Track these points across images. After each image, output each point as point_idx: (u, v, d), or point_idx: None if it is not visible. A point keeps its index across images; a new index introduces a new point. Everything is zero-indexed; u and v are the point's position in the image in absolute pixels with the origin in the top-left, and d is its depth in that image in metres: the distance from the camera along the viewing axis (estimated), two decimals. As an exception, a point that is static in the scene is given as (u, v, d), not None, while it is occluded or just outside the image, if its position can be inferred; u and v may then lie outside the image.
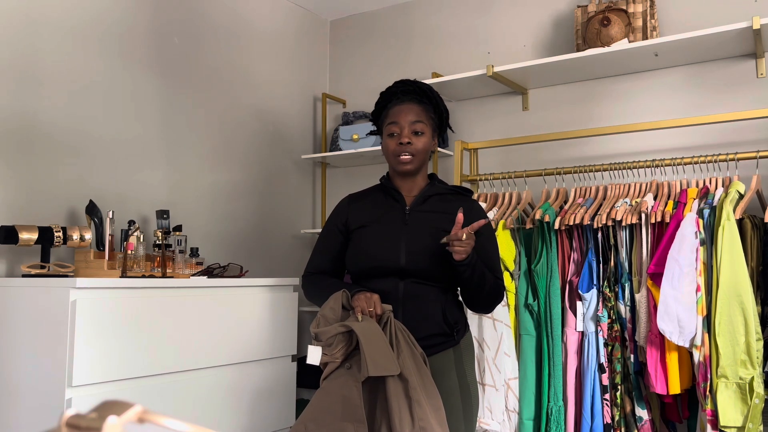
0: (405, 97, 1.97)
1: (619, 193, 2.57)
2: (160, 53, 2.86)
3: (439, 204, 1.97)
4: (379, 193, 2.04)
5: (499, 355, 2.51)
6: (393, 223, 1.94)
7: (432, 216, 1.93)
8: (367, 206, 2.02)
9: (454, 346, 1.90)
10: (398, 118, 1.94)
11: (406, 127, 1.92)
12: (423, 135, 1.94)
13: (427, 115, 1.96)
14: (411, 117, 1.93)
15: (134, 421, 0.50)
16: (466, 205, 1.95)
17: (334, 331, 1.75)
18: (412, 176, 1.99)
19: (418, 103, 1.96)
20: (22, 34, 2.37)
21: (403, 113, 1.94)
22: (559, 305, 2.49)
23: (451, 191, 2.02)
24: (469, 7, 3.39)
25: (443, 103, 2.03)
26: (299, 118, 3.61)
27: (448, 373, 1.86)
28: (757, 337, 2.11)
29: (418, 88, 1.98)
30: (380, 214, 1.97)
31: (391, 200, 1.99)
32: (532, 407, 2.50)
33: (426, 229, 1.90)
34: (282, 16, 3.54)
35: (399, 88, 1.99)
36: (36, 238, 2.18)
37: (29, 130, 2.37)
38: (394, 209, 1.97)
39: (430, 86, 2.01)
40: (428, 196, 1.97)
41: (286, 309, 2.63)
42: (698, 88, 2.78)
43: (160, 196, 2.81)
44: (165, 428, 0.49)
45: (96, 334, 1.96)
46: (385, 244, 1.90)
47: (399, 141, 1.92)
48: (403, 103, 1.96)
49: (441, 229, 1.86)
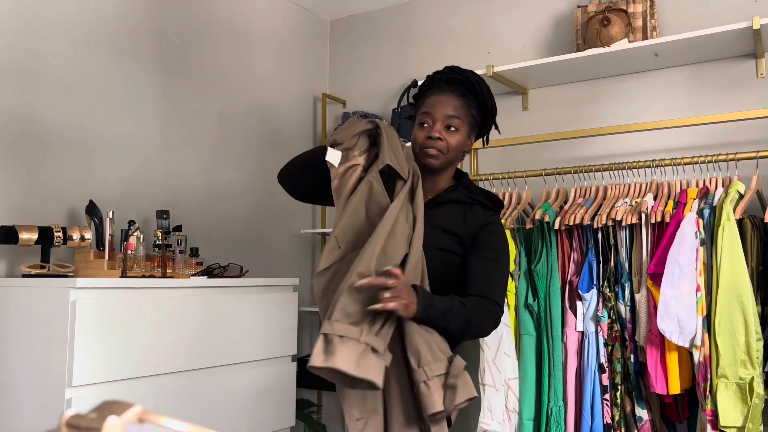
0: (447, 87, 1.77)
1: (619, 193, 2.57)
2: (160, 53, 2.86)
3: (456, 214, 1.75)
4: None
5: (499, 355, 2.51)
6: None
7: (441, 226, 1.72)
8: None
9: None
10: (433, 109, 1.74)
11: (439, 120, 1.73)
12: (457, 132, 1.74)
13: (467, 110, 1.76)
14: (447, 110, 1.73)
15: (134, 421, 0.50)
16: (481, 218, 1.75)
17: (357, 129, 1.63)
18: (436, 174, 1.79)
19: (459, 96, 1.75)
20: (22, 35, 2.37)
21: (439, 105, 1.74)
22: (559, 305, 2.49)
23: (473, 200, 1.78)
24: (469, 7, 3.39)
25: (492, 100, 1.82)
26: (299, 118, 3.61)
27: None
28: (757, 337, 2.11)
29: (466, 78, 1.77)
30: None
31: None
32: (532, 407, 2.50)
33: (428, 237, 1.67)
34: (282, 16, 3.54)
35: (445, 75, 1.79)
36: (36, 238, 2.18)
37: (29, 130, 2.37)
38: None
39: (480, 79, 1.80)
40: (444, 201, 1.77)
41: (286, 309, 2.63)
42: (698, 88, 2.78)
43: (160, 196, 2.81)
44: (165, 428, 0.49)
45: (96, 334, 1.96)
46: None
47: (428, 134, 1.73)
48: (442, 93, 1.76)
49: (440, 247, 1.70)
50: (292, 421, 2.64)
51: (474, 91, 1.77)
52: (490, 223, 1.75)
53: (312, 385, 3.15)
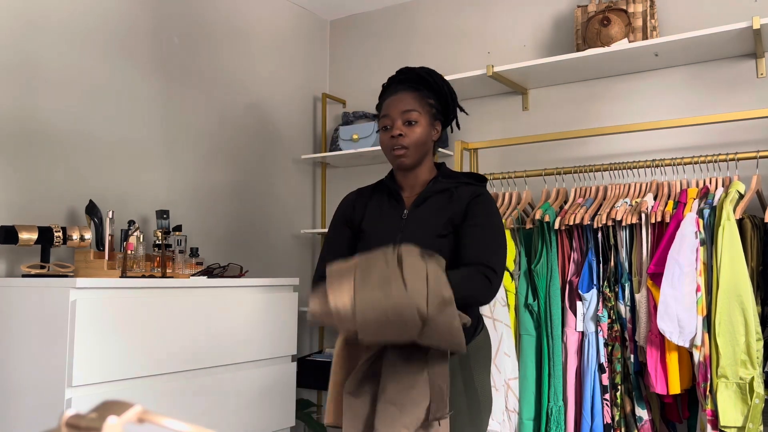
0: (399, 87, 1.84)
1: (619, 193, 2.57)
2: (160, 53, 2.86)
3: (442, 201, 1.80)
4: (383, 193, 1.91)
5: (499, 355, 2.51)
6: (390, 228, 1.81)
7: (429, 218, 1.77)
8: (369, 207, 1.89)
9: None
10: (389, 110, 1.81)
11: (397, 118, 1.79)
12: (417, 125, 1.79)
13: (422, 101, 1.81)
14: (401, 106, 1.79)
15: (134, 421, 0.50)
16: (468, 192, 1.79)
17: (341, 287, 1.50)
18: (413, 171, 1.85)
19: (412, 91, 1.81)
20: (22, 35, 2.37)
21: (393, 104, 1.81)
22: (559, 305, 2.49)
23: (457, 184, 1.83)
24: (469, 7, 3.39)
25: (447, 86, 1.87)
26: (299, 118, 3.61)
27: (453, 378, 1.72)
28: (757, 337, 2.11)
29: (415, 74, 1.83)
30: (380, 217, 1.85)
31: (393, 201, 1.87)
32: (532, 407, 2.50)
33: (421, 233, 1.75)
34: (282, 16, 3.54)
35: (396, 78, 1.86)
36: (36, 238, 2.18)
37: (29, 130, 2.37)
38: (394, 212, 1.84)
39: (430, 71, 1.85)
40: (428, 196, 1.82)
41: (286, 309, 2.63)
42: (698, 88, 2.78)
43: (160, 196, 2.81)
44: (165, 428, 0.49)
45: (96, 334, 1.96)
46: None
47: (391, 134, 1.79)
48: (396, 93, 1.83)
49: (437, 234, 1.74)
50: (292, 421, 2.64)
51: (426, 82, 1.82)
52: (477, 195, 1.79)
53: (312, 385, 3.15)
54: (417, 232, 1.76)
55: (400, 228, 1.79)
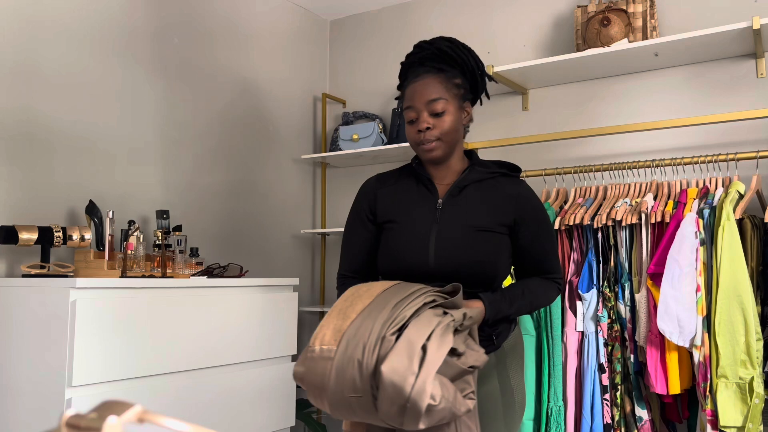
0: (421, 69, 1.66)
1: (619, 193, 2.57)
2: (160, 53, 2.86)
3: (479, 192, 1.68)
4: (410, 179, 1.75)
5: (499, 355, 2.51)
6: (423, 218, 1.67)
7: (469, 210, 1.65)
8: (396, 195, 1.74)
9: (495, 351, 1.66)
10: (414, 101, 1.64)
11: (423, 109, 1.63)
12: (445, 113, 1.63)
13: (448, 85, 1.65)
14: (427, 95, 1.63)
15: (134, 421, 0.50)
16: (510, 189, 1.69)
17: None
18: (445, 162, 1.71)
19: (436, 74, 1.65)
20: (21, 34, 2.37)
21: (418, 93, 1.64)
22: (559, 305, 2.49)
23: (492, 174, 1.70)
24: (469, 7, 3.39)
25: (473, 57, 1.70)
26: (299, 118, 3.61)
27: (488, 379, 1.64)
28: (757, 337, 2.11)
29: (437, 49, 1.66)
30: (411, 207, 1.70)
31: (423, 189, 1.71)
32: (532, 407, 2.50)
33: (459, 226, 1.64)
34: (282, 16, 3.54)
35: (416, 56, 1.69)
36: (36, 238, 2.18)
37: (29, 130, 2.37)
38: (426, 202, 1.69)
39: (451, 42, 1.68)
40: (465, 185, 1.68)
41: (286, 309, 2.63)
42: (698, 88, 2.78)
43: (160, 196, 2.81)
44: (165, 428, 0.49)
45: (96, 334, 1.96)
46: (413, 244, 1.64)
47: (418, 128, 1.64)
48: (417, 79, 1.66)
49: (478, 227, 1.63)
50: (292, 421, 2.64)
51: (450, 58, 1.66)
52: (523, 192, 1.70)
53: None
54: (455, 225, 1.64)
55: (435, 219, 1.66)
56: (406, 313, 1.32)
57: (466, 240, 1.62)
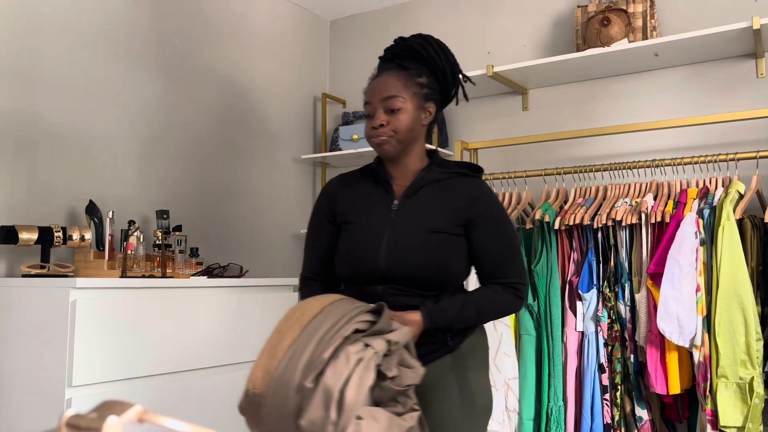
0: (385, 66, 1.66)
1: (619, 193, 2.57)
2: (160, 53, 2.86)
3: (436, 192, 1.64)
4: (369, 180, 1.72)
5: (499, 355, 2.51)
6: (378, 220, 1.64)
7: (423, 211, 1.62)
8: (356, 195, 1.71)
9: (451, 353, 1.62)
10: (370, 97, 1.63)
11: (378, 106, 1.61)
12: (400, 112, 1.60)
13: (409, 83, 1.62)
14: (382, 93, 1.61)
15: (134, 421, 0.50)
16: (467, 189, 1.65)
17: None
18: (401, 160, 1.67)
19: (398, 71, 1.63)
20: (22, 34, 2.37)
21: (375, 90, 1.63)
22: (559, 305, 2.49)
23: (451, 174, 1.67)
24: (469, 7, 3.39)
25: (447, 57, 1.67)
26: (299, 118, 3.61)
27: (447, 382, 1.61)
28: (757, 337, 2.11)
29: (407, 45, 1.64)
30: (367, 208, 1.68)
31: (381, 190, 1.69)
32: (532, 407, 2.50)
33: (413, 227, 1.60)
34: (282, 16, 3.54)
35: (389, 52, 1.68)
36: (36, 238, 2.18)
37: (29, 130, 2.37)
38: (382, 202, 1.66)
39: (425, 40, 1.66)
40: (421, 185, 1.65)
41: (286, 309, 2.63)
42: (698, 88, 2.78)
43: (160, 196, 2.81)
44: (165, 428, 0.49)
45: (96, 334, 1.96)
46: (365, 245, 1.62)
47: (372, 124, 1.62)
48: (379, 76, 1.65)
49: (431, 228, 1.59)
50: (292, 421, 2.63)
51: (418, 56, 1.64)
52: (479, 192, 1.65)
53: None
54: (408, 226, 1.61)
55: (389, 221, 1.63)
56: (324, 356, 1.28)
57: (418, 242, 1.58)
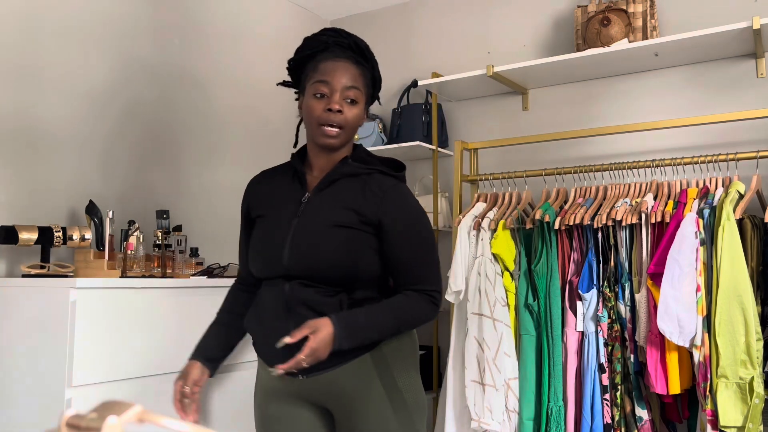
0: (341, 53, 1.58)
1: (619, 193, 2.57)
2: (161, 53, 2.86)
3: (348, 189, 1.58)
4: (287, 174, 1.68)
5: (499, 355, 2.51)
6: (286, 213, 1.59)
7: (332, 205, 1.56)
8: (269, 191, 1.68)
9: (371, 351, 1.55)
10: (331, 78, 1.54)
11: (338, 91, 1.54)
12: (356, 105, 1.57)
13: (364, 81, 1.60)
14: (346, 80, 1.55)
15: (134, 421, 0.50)
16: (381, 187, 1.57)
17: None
18: (331, 153, 1.61)
19: (355, 64, 1.58)
20: (22, 34, 2.37)
21: (338, 73, 1.55)
22: (559, 305, 2.49)
23: (369, 170, 1.60)
24: (469, 7, 3.39)
25: (378, 69, 1.67)
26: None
27: (372, 383, 1.55)
28: (757, 337, 2.11)
29: (356, 44, 1.60)
30: (279, 202, 1.63)
31: (296, 184, 1.65)
32: (532, 407, 2.50)
33: (319, 221, 1.54)
34: (282, 16, 3.54)
35: (332, 38, 1.59)
36: (36, 238, 2.18)
37: (29, 130, 2.37)
38: (295, 196, 1.62)
39: (367, 45, 1.64)
40: (334, 179, 1.59)
41: (286, 309, 2.63)
42: (698, 88, 2.78)
43: (160, 196, 2.81)
44: (165, 428, 0.49)
45: (96, 334, 1.96)
46: (271, 240, 1.58)
47: (328, 106, 1.53)
48: (338, 60, 1.57)
49: (337, 223, 1.53)
50: (292, 421, 2.64)
51: (365, 58, 1.61)
52: (393, 191, 1.57)
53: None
54: (314, 220, 1.55)
55: (296, 213, 1.58)
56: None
57: (322, 236, 1.53)
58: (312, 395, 1.60)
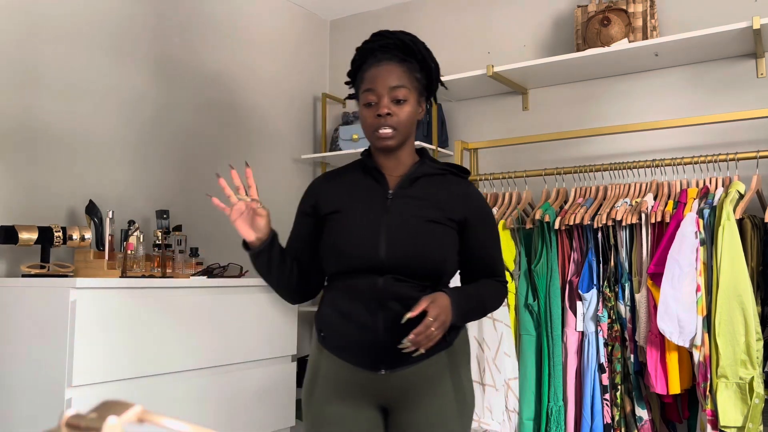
0: (384, 56, 1.61)
1: (619, 193, 2.57)
2: (161, 54, 2.86)
3: (430, 187, 1.64)
4: (358, 172, 1.70)
5: (499, 355, 2.51)
6: (372, 209, 1.62)
7: (419, 202, 1.62)
8: (342, 187, 1.70)
9: (447, 349, 1.62)
10: (375, 84, 1.59)
11: (385, 95, 1.58)
12: (406, 103, 1.59)
13: (410, 76, 1.61)
14: (391, 81, 1.58)
15: (134, 421, 0.50)
16: (460, 188, 1.67)
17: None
18: (395, 153, 1.65)
19: (399, 63, 1.60)
20: (22, 34, 2.37)
21: (380, 77, 1.59)
22: (559, 305, 2.49)
23: (443, 171, 1.68)
24: (469, 7, 3.39)
25: (432, 57, 1.67)
26: (299, 118, 3.61)
27: (442, 379, 1.61)
28: (757, 337, 2.11)
29: (399, 40, 1.61)
30: (358, 197, 1.65)
31: (371, 181, 1.67)
32: (532, 407, 2.50)
33: (411, 216, 1.59)
34: (282, 16, 3.54)
35: (377, 42, 1.63)
36: (36, 238, 2.18)
37: (29, 130, 2.37)
38: (375, 192, 1.64)
39: (414, 37, 1.64)
40: (416, 177, 1.64)
41: (286, 309, 2.63)
42: (698, 88, 2.78)
43: (160, 196, 2.81)
44: (165, 428, 0.49)
45: (96, 334, 1.96)
46: (361, 233, 1.59)
47: (377, 112, 1.58)
48: (381, 64, 1.60)
49: (430, 219, 1.60)
50: (292, 421, 2.64)
51: (412, 52, 1.62)
52: (473, 193, 1.69)
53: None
54: (405, 214, 1.60)
55: (384, 209, 1.61)
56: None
57: (418, 231, 1.58)
58: (382, 392, 1.61)
